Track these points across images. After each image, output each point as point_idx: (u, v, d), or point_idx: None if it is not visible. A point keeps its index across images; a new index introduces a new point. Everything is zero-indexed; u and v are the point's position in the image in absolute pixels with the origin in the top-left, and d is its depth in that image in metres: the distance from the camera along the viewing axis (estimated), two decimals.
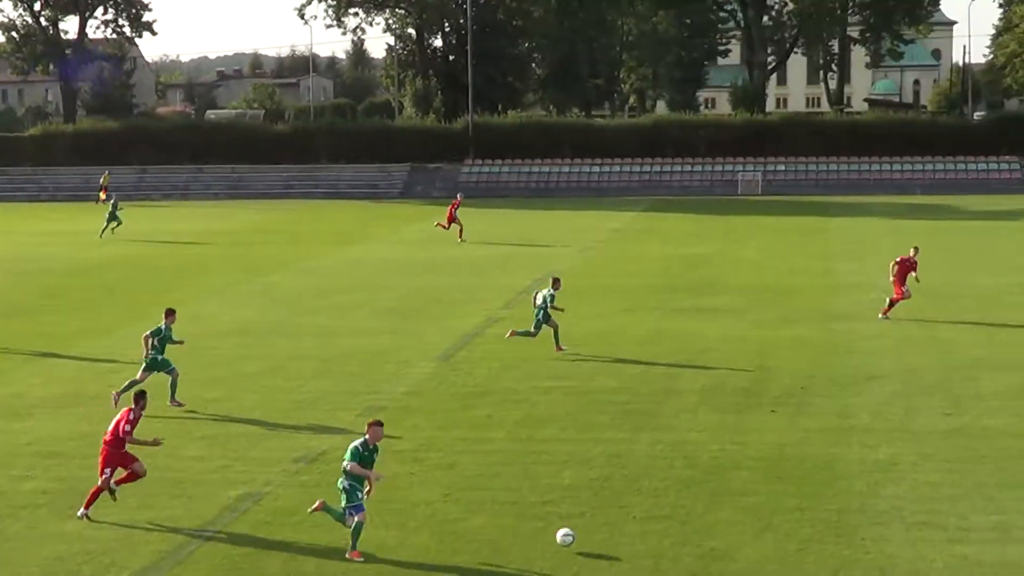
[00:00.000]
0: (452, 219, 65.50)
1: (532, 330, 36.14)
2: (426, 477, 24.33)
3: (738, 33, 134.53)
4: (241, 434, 27.68)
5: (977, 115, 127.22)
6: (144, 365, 29.85)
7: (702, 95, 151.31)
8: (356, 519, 20.20)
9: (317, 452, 25.85)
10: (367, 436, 20.46)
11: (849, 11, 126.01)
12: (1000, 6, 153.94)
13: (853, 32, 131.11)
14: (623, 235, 68.02)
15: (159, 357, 29.92)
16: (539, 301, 36.09)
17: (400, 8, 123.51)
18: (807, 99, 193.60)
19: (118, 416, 22.41)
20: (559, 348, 35.78)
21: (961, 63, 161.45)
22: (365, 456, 20.37)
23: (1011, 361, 33.95)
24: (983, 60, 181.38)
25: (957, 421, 27.85)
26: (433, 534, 21.24)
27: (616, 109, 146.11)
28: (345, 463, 20.24)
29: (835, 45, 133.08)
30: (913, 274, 40.61)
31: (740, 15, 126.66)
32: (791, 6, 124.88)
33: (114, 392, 29.36)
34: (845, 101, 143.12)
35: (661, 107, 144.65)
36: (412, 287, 49.09)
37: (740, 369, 33.42)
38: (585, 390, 31.33)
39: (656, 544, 20.61)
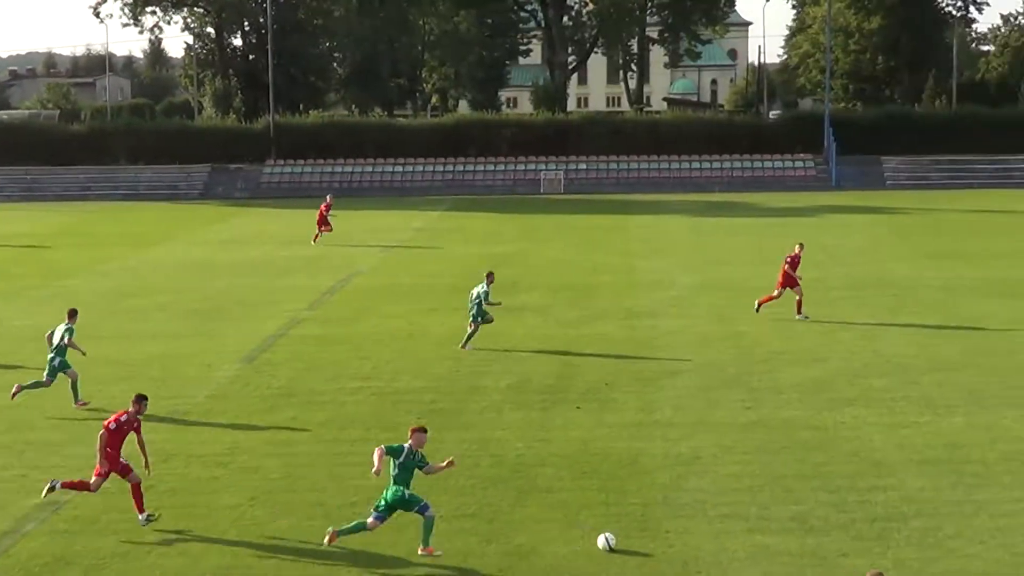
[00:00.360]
0: (323, 221, 64.25)
1: (471, 329, 36.40)
2: (231, 481, 24.02)
3: (539, 33, 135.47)
4: (40, 442, 27.02)
5: (773, 114, 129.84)
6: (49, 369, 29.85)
7: (504, 95, 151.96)
8: (429, 514, 19.99)
9: None
10: (410, 442, 20.15)
11: (647, 11, 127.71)
12: (793, 7, 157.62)
13: (652, 32, 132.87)
14: (427, 234, 67.99)
15: (58, 359, 29.79)
16: (474, 297, 36.55)
17: (198, 7, 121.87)
18: (608, 98, 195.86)
19: (123, 418, 21.71)
20: (464, 347, 36.13)
21: (756, 63, 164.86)
22: (407, 462, 20.03)
23: (807, 355, 34.72)
24: (778, 60, 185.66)
25: (756, 414, 28.40)
26: (239, 538, 20.97)
27: (418, 109, 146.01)
28: (423, 468, 20.16)
29: (634, 45, 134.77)
30: (796, 272, 40.38)
31: (540, 15, 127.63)
32: (591, 6, 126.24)
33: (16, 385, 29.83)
34: (645, 100, 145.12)
35: (463, 107, 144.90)
36: (214, 289, 48.44)
37: (544, 367, 33.64)
38: (390, 390, 31.24)
39: (463, 542, 20.63)
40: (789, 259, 40.69)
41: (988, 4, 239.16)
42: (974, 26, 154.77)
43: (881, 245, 61.07)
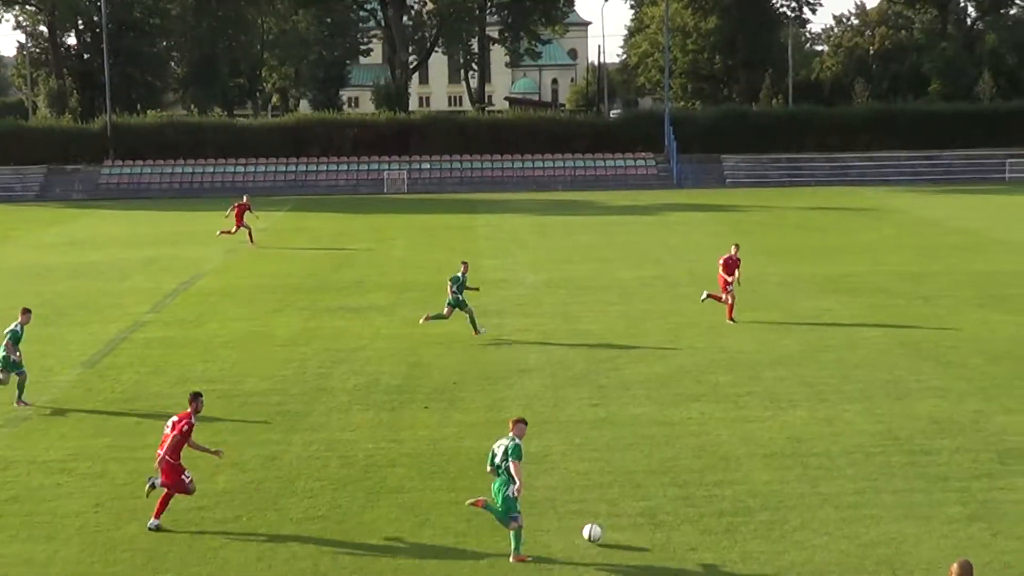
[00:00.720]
0: (240, 223, 63.08)
1: (444, 312, 37.63)
2: (75, 488, 23.57)
3: (379, 32, 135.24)
4: None
5: (613, 113, 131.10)
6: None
7: (345, 94, 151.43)
8: (518, 524, 19.81)
9: None
10: (513, 433, 20.06)
11: (487, 11, 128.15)
12: (632, 8, 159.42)
13: (492, 32, 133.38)
14: (270, 235, 67.37)
15: (12, 357, 29.59)
16: (452, 284, 37.68)
17: (30, 5, 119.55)
18: (449, 98, 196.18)
19: (172, 421, 21.61)
20: (426, 319, 37.80)
21: (596, 62, 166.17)
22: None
23: (654, 351, 35.06)
24: (617, 60, 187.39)
25: (604, 411, 28.59)
26: (85, 546, 20.60)
27: (259, 108, 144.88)
28: (509, 462, 19.76)
29: (475, 44, 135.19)
30: (736, 273, 39.70)
31: (380, 15, 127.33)
32: (430, 6, 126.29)
33: None
34: (486, 100, 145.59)
35: (304, 106, 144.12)
36: (54, 292, 47.49)
37: (392, 367, 33.55)
38: (236, 393, 30.91)
39: (314, 545, 20.49)
40: (724, 260, 39.82)
41: (821, 5, 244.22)
42: (808, 27, 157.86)
43: (722, 242, 61.62)
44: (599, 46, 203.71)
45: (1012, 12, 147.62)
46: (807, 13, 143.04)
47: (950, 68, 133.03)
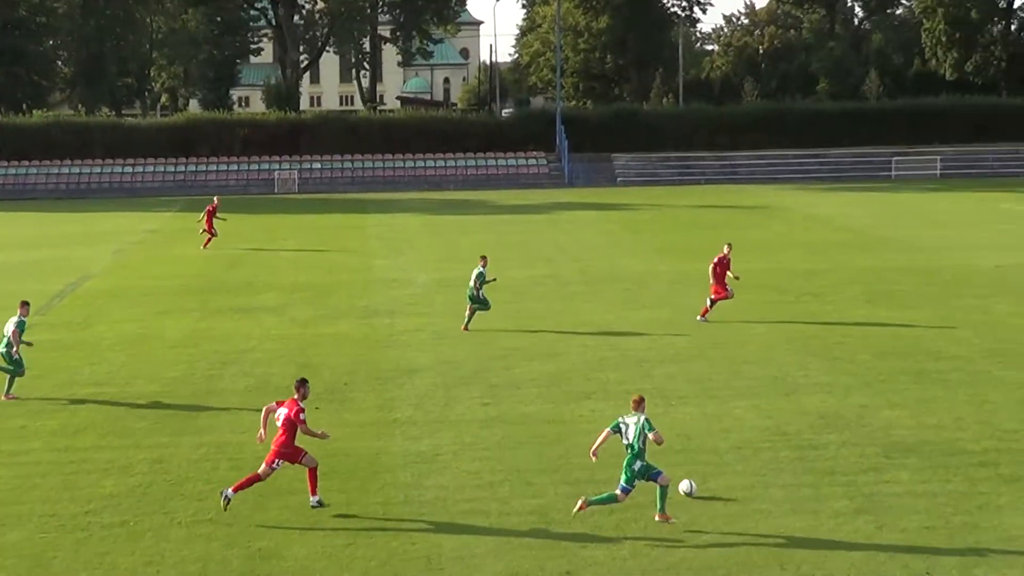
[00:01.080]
0: (210, 223, 61.95)
1: (485, 308, 38.47)
2: None
3: (269, 32, 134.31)
4: None
5: (505, 112, 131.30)
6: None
7: (235, 94, 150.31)
8: (666, 479, 21.01)
9: None
10: (639, 411, 21.34)
11: (379, 10, 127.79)
12: (523, 7, 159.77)
13: (384, 31, 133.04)
14: (159, 236, 66.73)
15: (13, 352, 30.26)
16: (473, 281, 38.28)
17: None
18: (341, 97, 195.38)
19: (285, 407, 21.86)
20: (466, 328, 38.06)
21: (488, 62, 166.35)
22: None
23: (544, 350, 35.13)
24: (509, 59, 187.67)
25: (495, 410, 28.60)
26: None
27: (147, 108, 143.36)
28: (645, 437, 20.93)
29: (366, 44, 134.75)
30: (730, 273, 39.55)
31: (271, 13, 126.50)
32: (321, 5, 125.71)
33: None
34: (378, 99, 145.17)
35: (194, 106, 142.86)
36: None
37: (282, 367, 33.32)
38: (124, 396, 30.54)
39: (203, 548, 20.29)
40: (717, 260, 39.49)
41: (711, 4, 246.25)
42: (698, 26, 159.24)
43: (613, 241, 62.25)
44: (491, 45, 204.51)
45: (898, 12, 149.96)
46: (697, 13, 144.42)
47: (838, 67, 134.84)
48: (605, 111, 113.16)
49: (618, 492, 21.06)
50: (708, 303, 39.49)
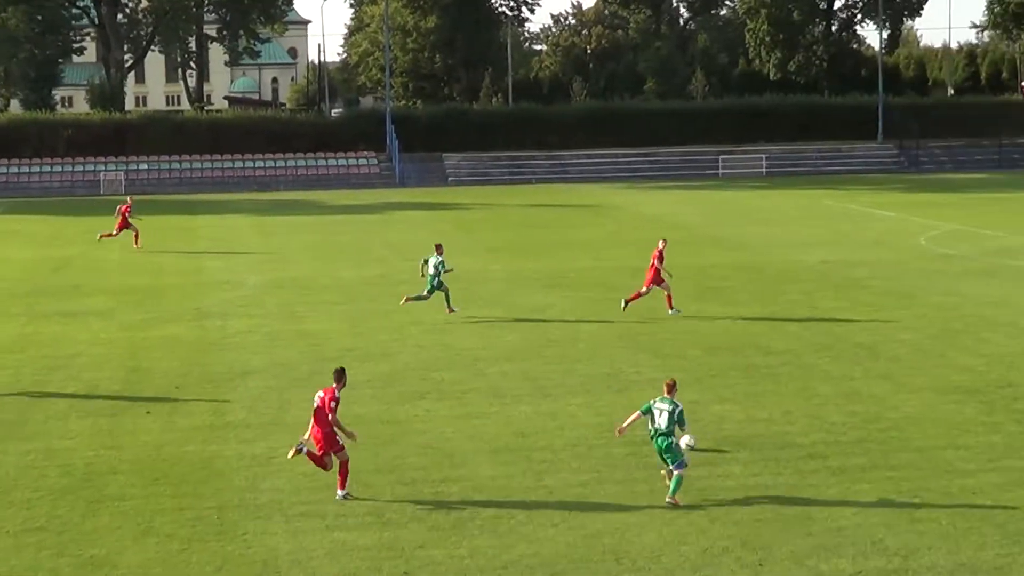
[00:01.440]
0: (124, 225, 59.91)
1: (424, 293, 40.02)
2: None
3: (93, 31, 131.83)
4: None
5: (335, 112, 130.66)
6: None
7: (58, 93, 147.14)
8: (683, 471, 21.81)
9: None
10: (671, 396, 22.23)
11: (205, 9, 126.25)
12: (352, 6, 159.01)
13: (210, 30, 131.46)
14: None
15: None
16: (431, 270, 39.98)
17: None
18: (167, 97, 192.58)
19: (321, 395, 22.62)
20: (450, 310, 39.67)
21: (317, 61, 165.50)
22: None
23: (378, 350, 35.05)
24: (338, 58, 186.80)
25: None
26: None
27: None
28: (676, 426, 21.95)
29: (192, 43, 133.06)
30: (658, 265, 40.07)
31: (94, 12, 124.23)
32: (146, 3, 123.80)
33: None
34: (206, 99, 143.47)
35: (15, 106, 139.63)
36: None
37: (112, 372, 32.78)
38: None
39: (32, 557, 19.86)
40: (657, 254, 40.20)
41: (539, 5, 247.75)
42: (527, 26, 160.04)
43: (446, 240, 61.90)
44: (319, 45, 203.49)
45: (723, 13, 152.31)
46: (526, 13, 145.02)
47: (664, 67, 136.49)
48: (435, 111, 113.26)
49: (677, 469, 21.90)
50: (666, 296, 40.08)
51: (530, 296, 44.04)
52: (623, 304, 39.94)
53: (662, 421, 21.86)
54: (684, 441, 23.54)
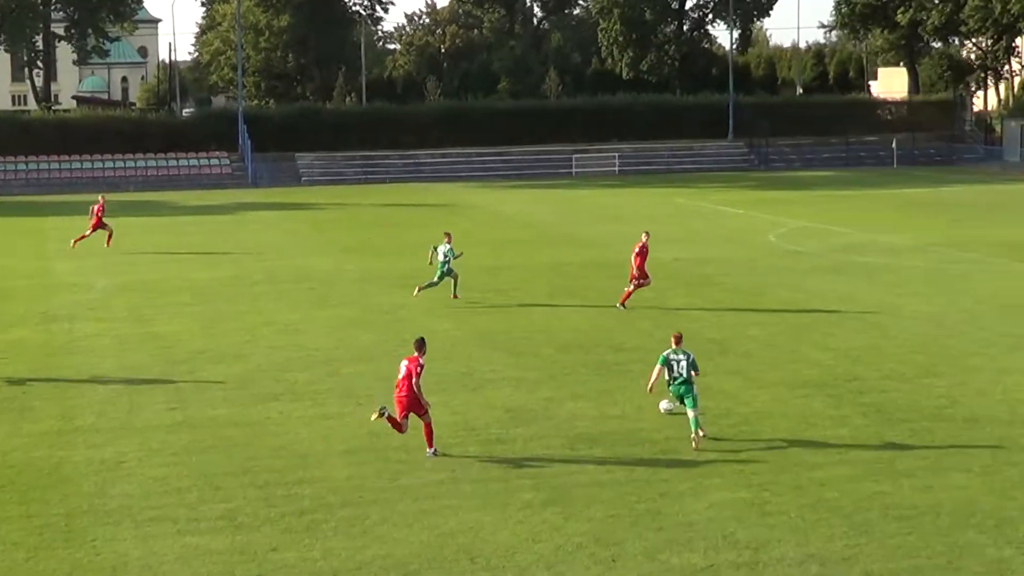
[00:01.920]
0: (98, 225, 57.87)
1: (435, 280, 41.57)
2: None
3: None
4: None
5: (186, 112, 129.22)
6: None
7: None
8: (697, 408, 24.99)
9: None
10: (680, 347, 25.29)
11: (53, 7, 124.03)
12: (202, 5, 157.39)
13: (58, 28, 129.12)
14: None
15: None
16: (440, 257, 41.46)
17: None
18: (13, 97, 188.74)
19: (407, 364, 24.63)
20: (455, 296, 41.63)
21: (168, 61, 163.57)
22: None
23: (231, 352, 34.71)
24: (189, 58, 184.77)
25: (181, 414, 28.09)
26: None
27: None
28: (692, 373, 25.00)
29: (39, 41, 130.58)
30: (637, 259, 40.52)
31: None
32: None
33: None
34: (53, 99, 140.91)
35: None
36: None
37: None
38: None
39: None
40: (638, 248, 40.66)
41: (393, 4, 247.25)
42: (381, 25, 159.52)
43: (299, 240, 61.97)
44: (170, 44, 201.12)
45: (576, 12, 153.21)
46: (379, 12, 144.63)
47: (518, 66, 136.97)
48: (288, 110, 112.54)
49: (694, 412, 24.77)
50: (628, 292, 40.50)
51: (384, 296, 43.93)
52: (619, 304, 40.47)
53: (680, 369, 24.97)
54: (663, 406, 26.22)
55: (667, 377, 25.12)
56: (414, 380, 24.25)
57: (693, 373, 25.01)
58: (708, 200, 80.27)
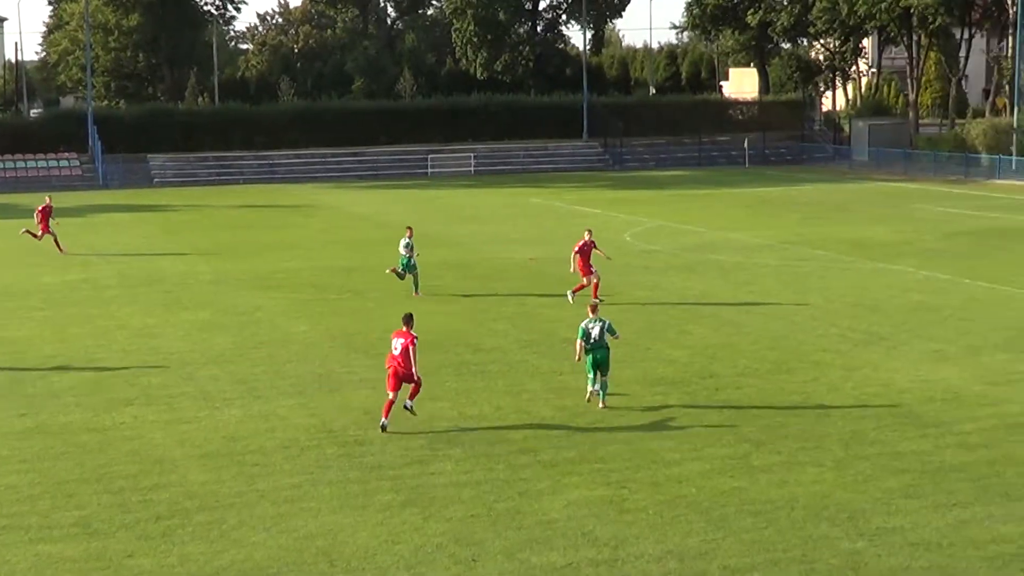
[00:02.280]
0: (46, 228, 55.70)
1: (400, 270, 43.02)
2: None
3: None
4: None
5: (34, 112, 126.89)
6: None
7: None
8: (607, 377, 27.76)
9: None
10: (596, 315, 27.65)
11: None
12: (49, 4, 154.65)
13: None
14: None
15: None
16: (402, 250, 43.03)
17: None
18: None
19: (402, 341, 26.43)
20: (416, 294, 42.25)
21: (14, 60, 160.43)
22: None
23: (83, 356, 34.16)
24: (36, 57, 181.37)
25: (33, 420, 27.58)
26: None
27: None
28: (608, 337, 27.38)
29: None
30: (598, 253, 42.09)
31: None
32: None
33: None
34: None
35: None
36: None
37: None
38: None
39: None
40: (579, 247, 41.54)
41: (246, 3, 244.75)
42: (233, 24, 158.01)
43: (152, 242, 61.21)
44: (16, 43, 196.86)
45: (429, 13, 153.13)
46: (232, 11, 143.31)
47: (372, 66, 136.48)
48: (139, 111, 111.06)
49: (596, 388, 27.53)
50: (592, 289, 40.98)
51: (239, 297, 43.53)
52: (572, 298, 41.16)
53: (596, 334, 27.04)
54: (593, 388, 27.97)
55: (586, 346, 27.21)
56: (412, 352, 26.11)
57: (612, 336, 27.30)
58: (563, 200, 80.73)
